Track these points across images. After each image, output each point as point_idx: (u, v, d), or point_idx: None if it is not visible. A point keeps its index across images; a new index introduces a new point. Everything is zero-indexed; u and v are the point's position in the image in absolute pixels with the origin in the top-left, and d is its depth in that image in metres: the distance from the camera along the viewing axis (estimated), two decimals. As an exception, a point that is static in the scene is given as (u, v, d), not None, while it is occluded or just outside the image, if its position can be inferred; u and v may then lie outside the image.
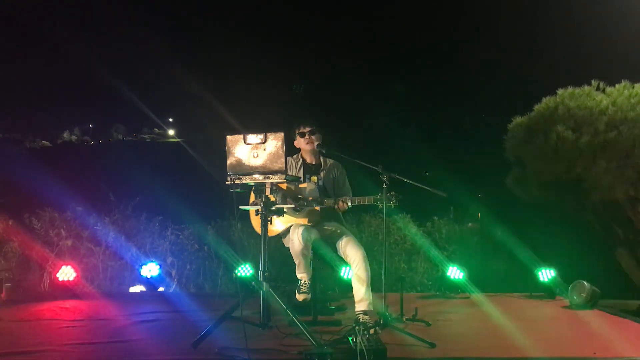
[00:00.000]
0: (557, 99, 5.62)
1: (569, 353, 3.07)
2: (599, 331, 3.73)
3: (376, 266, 3.74)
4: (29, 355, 2.94)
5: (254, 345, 2.94)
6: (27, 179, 7.62)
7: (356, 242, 3.68)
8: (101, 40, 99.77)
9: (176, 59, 53.04)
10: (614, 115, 5.13)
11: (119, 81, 52.81)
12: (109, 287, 5.87)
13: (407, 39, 48.24)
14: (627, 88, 5.37)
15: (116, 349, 3.13)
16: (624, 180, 5.04)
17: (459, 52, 40.18)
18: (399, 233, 6.31)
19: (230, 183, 3.15)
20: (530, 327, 3.79)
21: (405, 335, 3.32)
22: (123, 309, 4.39)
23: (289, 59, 62.72)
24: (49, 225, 5.88)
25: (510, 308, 4.62)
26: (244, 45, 71.71)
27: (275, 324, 3.28)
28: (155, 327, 3.78)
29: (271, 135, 3.11)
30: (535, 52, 30.84)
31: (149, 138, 69.50)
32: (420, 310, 4.03)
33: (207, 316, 3.95)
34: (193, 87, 42.64)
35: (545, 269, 5.17)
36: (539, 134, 5.47)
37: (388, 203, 3.44)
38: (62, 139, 67.32)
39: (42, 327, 3.69)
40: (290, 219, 3.67)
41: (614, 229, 5.72)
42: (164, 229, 6.28)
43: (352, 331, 2.99)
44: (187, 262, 6.17)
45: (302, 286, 3.65)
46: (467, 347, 3.19)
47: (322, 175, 3.89)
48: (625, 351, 3.14)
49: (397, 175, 3.45)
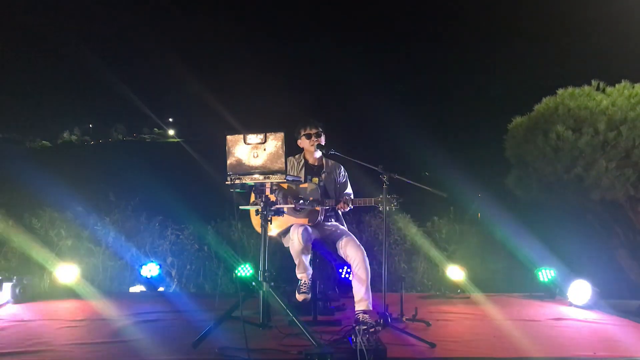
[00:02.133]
0: (557, 99, 5.63)
1: (569, 353, 3.07)
2: (599, 331, 3.73)
3: (376, 266, 3.74)
4: (29, 355, 2.94)
5: (254, 345, 2.94)
6: (27, 179, 7.62)
7: (356, 242, 3.68)
8: (101, 40, 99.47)
9: (176, 59, 52.88)
10: (614, 115, 5.14)
11: (119, 81, 52.82)
12: (109, 287, 5.87)
13: (408, 40, 48.35)
14: (627, 88, 5.37)
15: (116, 349, 3.13)
16: (624, 180, 5.04)
17: (460, 53, 40.13)
18: (399, 233, 6.31)
19: (230, 183, 3.14)
20: (530, 327, 3.80)
21: (405, 335, 3.32)
22: (123, 309, 4.39)
23: (289, 58, 62.82)
24: (49, 225, 5.88)
25: (510, 308, 4.62)
26: (244, 45, 71.79)
27: (275, 324, 3.28)
28: (155, 327, 3.78)
29: (271, 135, 3.11)
30: (535, 52, 30.87)
31: (149, 138, 69.54)
32: (420, 310, 4.03)
33: (207, 316, 3.95)
34: (193, 87, 42.80)
35: (545, 269, 5.17)
36: (539, 134, 5.47)
37: (389, 205, 3.45)
38: (62, 139, 67.32)
39: (42, 327, 3.69)
40: (289, 220, 3.67)
41: (614, 229, 5.72)
42: (164, 229, 6.28)
43: (352, 331, 2.99)
44: (187, 262, 6.17)
45: (302, 286, 3.65)
46: (467, 347, 3.19)
47: (324, 176, 3.89)
48: (625, 351, 3.14)
49: (397, 175, 3.46)
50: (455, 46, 46.70)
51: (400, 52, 49.61)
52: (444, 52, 46.23)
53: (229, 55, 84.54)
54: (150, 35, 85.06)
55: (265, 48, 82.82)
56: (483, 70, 28.17)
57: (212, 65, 75.60)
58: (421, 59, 45.20)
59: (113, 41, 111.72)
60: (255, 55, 67.93)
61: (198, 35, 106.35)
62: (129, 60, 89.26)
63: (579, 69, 14.94)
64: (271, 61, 57.16)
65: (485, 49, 32.47)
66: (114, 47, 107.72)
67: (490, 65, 28.40)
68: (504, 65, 27.13)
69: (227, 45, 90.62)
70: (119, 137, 70.25)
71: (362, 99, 31.19)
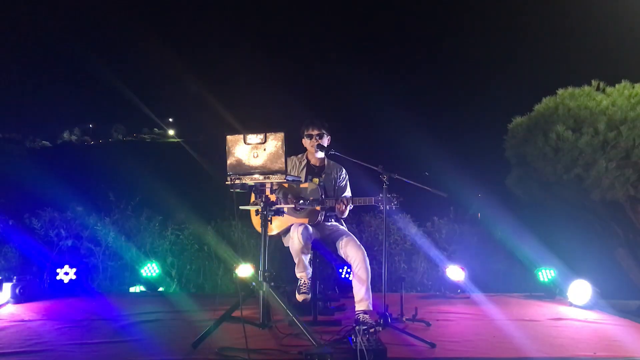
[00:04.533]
0: (557, 99, 5.62)
1: (569, 353, 3.07)
2: (599, 331, 3.73)
3: (376, 266, 3.74)
4: (29, 355, 2.94)
5: (254, 345, 2.94)
6: (27, 179, 7.62)
7: (356, 242, 3.68)
8: (102, 40, 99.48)
9: (177, 59, 52.98)
10: (614, 115, 5.13)
11: (119, 81, 52.83)
12: (109, 287, 5.87)
13: (408, 40, 48.41)
14: (627, 88, 5.37)
15: (116, 349, 3.13)
16: (624, 180, 5.04)
17: (460, 53, 40.18)
18: (399, 233, 6.32)
19: (230, 183, 3.14)
20: (530, 327, 3.80)
21: (405, 335, 3.32)
22: (123, 309, 4.39)
23: (289, 58, 62.88)
24: (49, 225, 5.88)
25: (510, 308, 4.62)
26: (244, 45, 71.89)
27: (275, 324, 3.28)
28: (155, 327, 3.78)
29: (271, 135, 3.11)
30: (535, 52, 30.91)
31: (149, 138, 69.53)
32: (420, 310, 4.03)
33: (207, 316, 3.95)
34: (193, 87, 42.84)
35: (545, 269, 5.17)
36: (539, 134, 5.47)
37: (389, 205, 3.44)
38: (62, 139, 67.33)
39: (42, 327, 3.69)
40: (289, 220, 3.67)
41: (614, 229, 5.72)
42: (164, 229, 6.28)
43: (352, 331, 2.99)
44: (187, 262, 6.17)
45: (302, 286, 3.65)
46: (467, 347, 3.19)
47: (324, 177, 3.89)
48: (625, 351, 3.14)
49: (397, 175, 3.46)
50: (455, 46, 46.76)
51: (400, 52, 49.84)
52: (444, 52, 46.27)
53: (229, 55, 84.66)
54: (151, 35, 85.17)
55: (266, 48, 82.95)
56: (483, 70, 28.28)
57: (213, 65, 75.75)
58: (421, 59, 45.32)
59: (113, 41, 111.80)
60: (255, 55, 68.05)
61: (198, 35, 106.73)
62: (129, 60, 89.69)
63: (579, 69, 14.96)
64: (271, 61, 57.35)
65: (485, 48, 32.66)
66: (114, 47, 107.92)
67: (491, 65, 28.48)
68: (504, 65, 27.20)
69: (227, 45, 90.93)
70: (119, 137, 70.24)
71: (362, 99, 31.21)
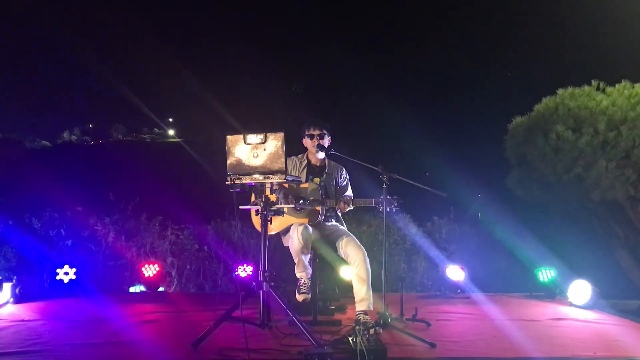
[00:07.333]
0: (557, 99, 5.62)
1: (569, 353, 3.07)
2: (599, 331, 3.73)
3: (376, 266, 3.74)
4: (29, 355, 2.94)
5: (254, 345, 2.94)
6: (27, 179, 7.62)
7: (356, 242, 3.68)
8: (102, 40, 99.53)
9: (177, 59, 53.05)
10: (614, 115, 5.13)
11: (120, 81, 52.81)
12: (109, 287, 5.87)
13: (408, 40, 48.35)
14: (627, 88, 5.37)
15: (116, 349, 3.13)
16: (624, 180, 5.04)
17: (460, 53, 40.14)
18: (399, 233, 6.32)
19: (230, 183, 3.14)
20: (530, 327, 3.80)
21: (405, 335, 3.32)
22: (123, 309, 4.39)
23: (290, 58, 62.86)
24: (49, 225, 5.88)
25: (510, 308, 4.63)
26: (244, 45, 71.84)
27: (275, 324, 3.28)
28: (155, 327, 3.78)
29: (271, 135, 3.11)
30: (535, 52, 30.86)
31: (149, 138, 69.46)
32: (420, 310, 4.03)
33: (207, 316, 3.95)
34: (193, 87, 42.78)
35: (545, 269, 5.17)
36: (539, 134, 5.47)
37: (389, 206, 3.44)
38: (62, 139, 67.28)
39: (42, 327, 3.69)
40: (289, 219, 3.67)
41: (614, 229, 5.72)
42: (164, 229, 6.27)
43: (352, 331, 2.99)
44: (187, 262, 6.16)
45: (302, 286, 3.64)
46: (467, 347, 3.19)
47: (325, 177, 3.89)
48: (625, 351, 3.14)
49: (397, 175, 3.45)
50: (455, 46, 46.85)
51: (400, 52, 50.01)
52: (444, 52, 46.32)
53: (229, 54, 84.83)
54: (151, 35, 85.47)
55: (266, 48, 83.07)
56: (483, 70, 28.30)
57: (213, 65, 75.78)
58: (421, 59, 45.39)
59: (113, 41, 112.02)
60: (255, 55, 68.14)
61: (198, 35, 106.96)
62: (129, 59, 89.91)
63: (579, 69, 14.94)
64: (272, 61, 57.49)
65: (485, 48, 32.66)
66: (114, 47, 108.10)
67: (490, 65, 28.52)
68: (504, 65, 27.24)
69: (227, 45, 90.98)
70: (119, 137, 70.18)
71: (362, 99, 31.22)
